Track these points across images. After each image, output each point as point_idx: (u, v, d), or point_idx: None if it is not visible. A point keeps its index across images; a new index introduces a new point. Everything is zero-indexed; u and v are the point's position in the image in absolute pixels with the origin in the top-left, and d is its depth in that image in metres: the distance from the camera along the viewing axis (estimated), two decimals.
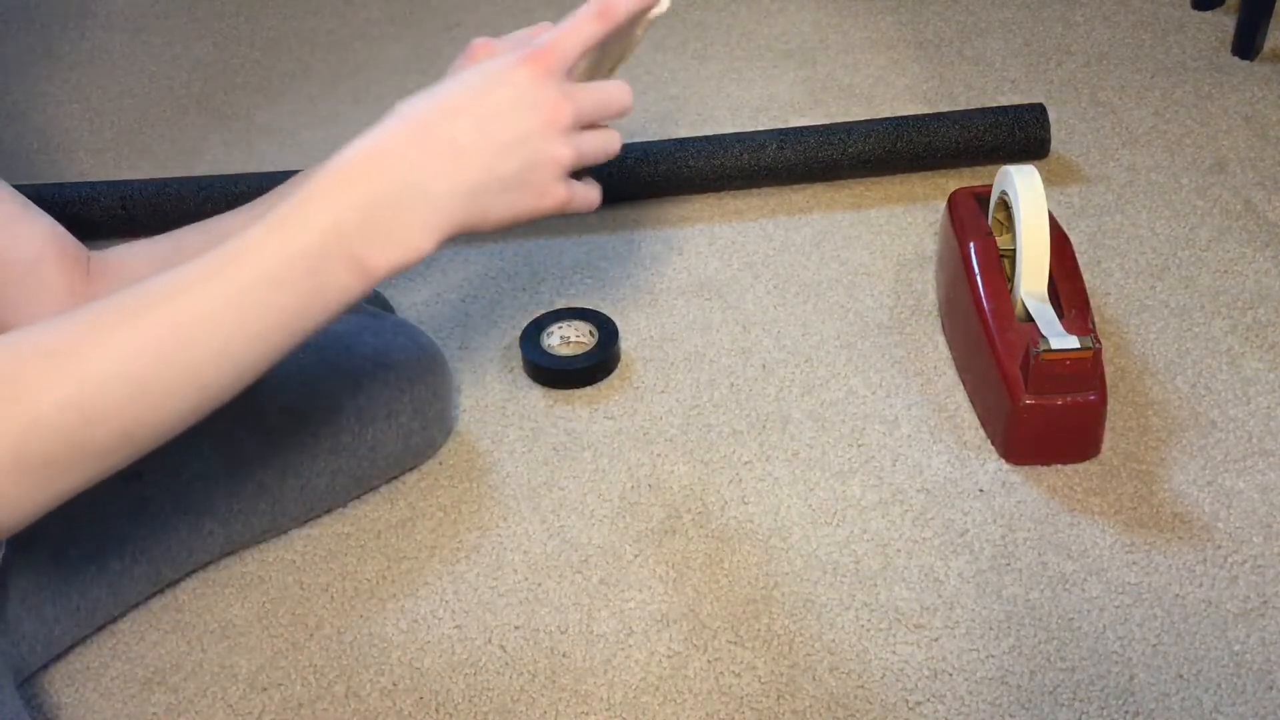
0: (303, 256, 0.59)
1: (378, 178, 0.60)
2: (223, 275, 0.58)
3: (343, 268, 0.60)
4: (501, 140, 0.62)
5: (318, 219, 0.59)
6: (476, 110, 0.61)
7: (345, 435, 0.91)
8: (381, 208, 0.60)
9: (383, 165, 0.60)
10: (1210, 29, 1.51)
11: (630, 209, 1.28)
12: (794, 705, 0.80)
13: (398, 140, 0.61)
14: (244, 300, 0.58)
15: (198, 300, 0.58)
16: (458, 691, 0.82)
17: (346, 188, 0.60)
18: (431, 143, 0.61)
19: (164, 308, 0.57)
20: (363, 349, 0.92)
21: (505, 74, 0.62)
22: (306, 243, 0.59)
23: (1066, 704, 0.78)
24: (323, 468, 0.91)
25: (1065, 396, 0.91)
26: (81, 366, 0.56)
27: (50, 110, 1.55)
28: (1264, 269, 1.13)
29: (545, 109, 0.63)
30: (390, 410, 0.93)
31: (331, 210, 0.59)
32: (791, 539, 0.91)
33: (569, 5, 1.78)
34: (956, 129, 1.26)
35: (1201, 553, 0.88)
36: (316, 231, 0.59)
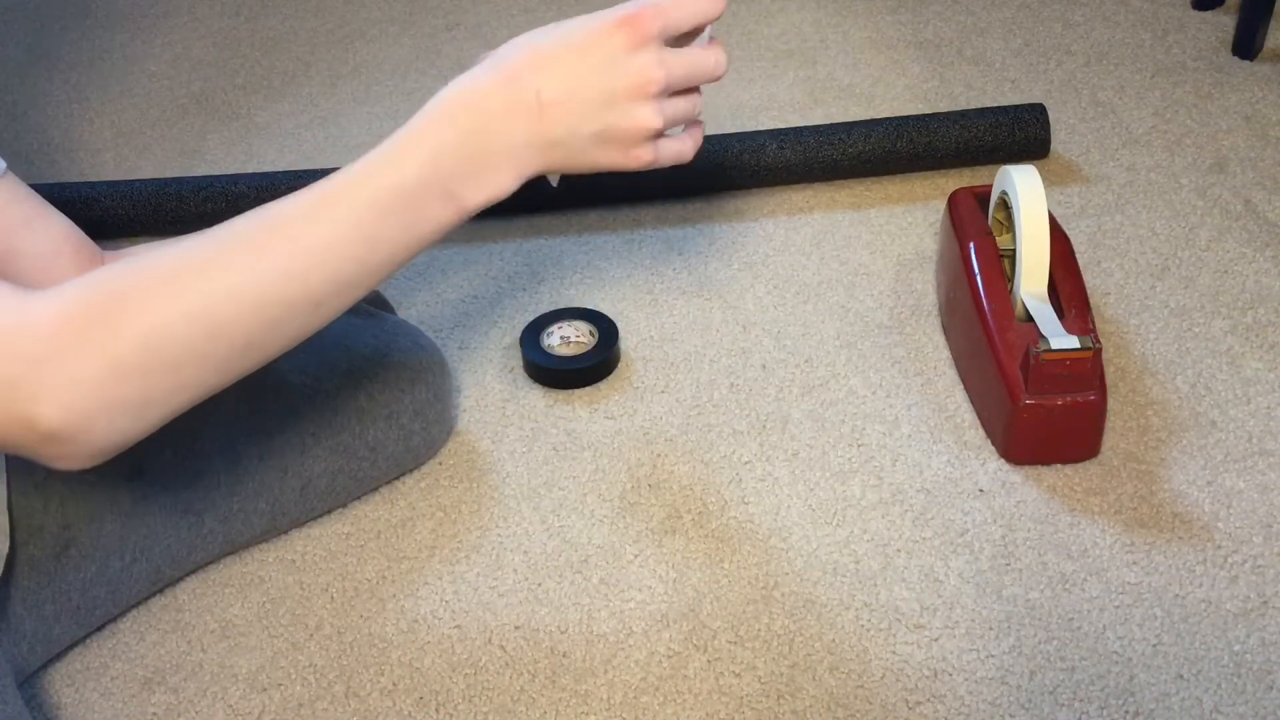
0: (405, 189, 0.63)
1: (467, 120, 0.63)
2: (336, 206, 0.62)
3: (439, 200, 0.64)
4: (587, 99, 0.64)
5: (416, 155, 0.63)
6: (568, 67, 0.63)
7: (345, 435, 0.91)
8: (472, 147, 0.63)
9: (472, 108, 0.63)
10: (1210, 29, 1.51)
11: (630, 209, 1.28)
12: (794, 705, 0.80)
13: (488, 85, 0.63)
14: (356, 229, 0.62)
15: (315, 229, 0.62)
16: (458, 691, 0.82)
17: (441, 127, 0.63)
18: (518, 92, 0.63)
19: (284, 234, 0.61)
20: (363, 349, 0.93)
21: (603, 34, 0.63)
22: (407, 176, 0.63)
23: (1066, 704, 0.78)
24: (323, 468, 0.91)
25: (1065, 396, 0.91)
26: (208, 284, 0.60)
27: (50, 110, 1.55)
28: (1264, 269, 1.13)
29: (636, 75, 0.64)
30: (391, 411, 0.93)
31: (428, 146, 0.63)
32: (791, 539, 0.91)
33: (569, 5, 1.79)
34: (956, 129, 1.26)
35: (1201, 553, 0.88)
36: (416, 165, 0.63)
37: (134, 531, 0.83)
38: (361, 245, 0.63)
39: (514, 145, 0.64)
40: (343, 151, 1.41)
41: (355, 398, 0.91)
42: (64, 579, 0.80)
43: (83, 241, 0.80)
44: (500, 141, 0.64)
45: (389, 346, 0.94)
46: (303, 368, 0.90)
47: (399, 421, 0.93)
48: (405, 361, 0.94)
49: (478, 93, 0.64)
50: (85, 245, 0.80)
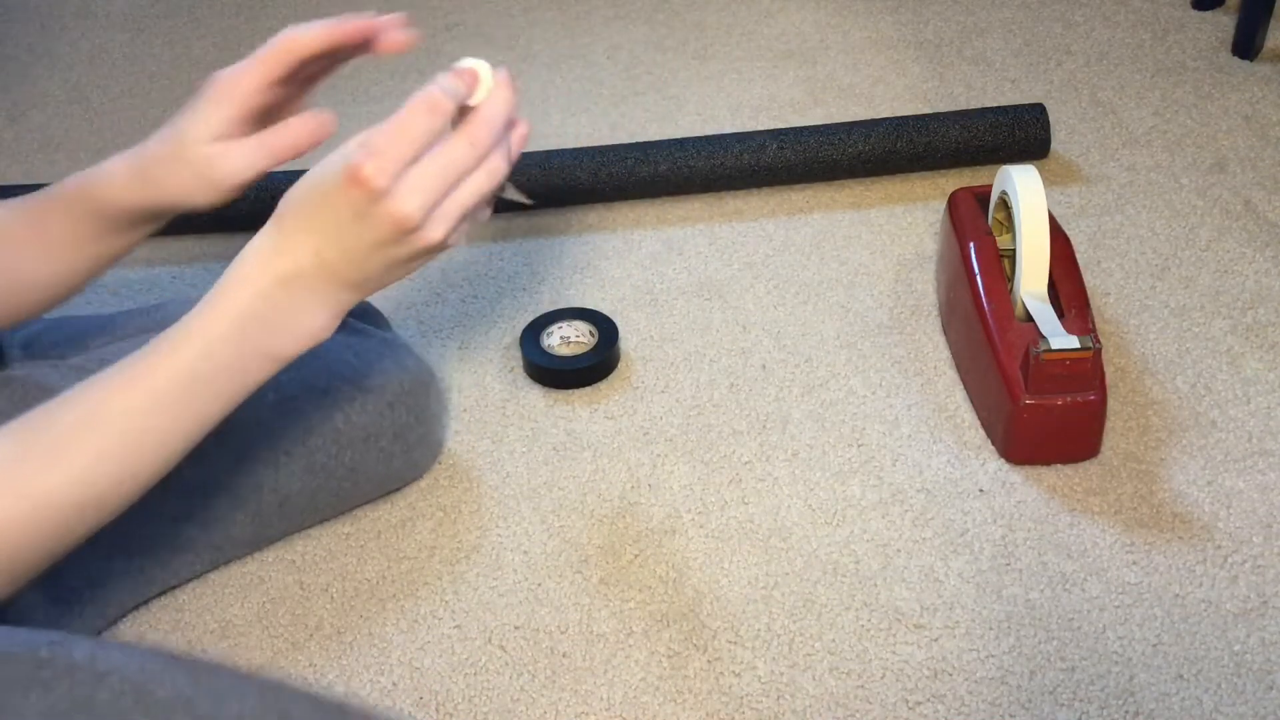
0: (216, 361, 0.65)
1: (263, 282, 0.65)
2: (153, 391, 0.64)
3: (254, 360, 0.66)
4: (362, 248, 0.65)
5: (219, 326, 0.65)
6: (331, 226, 0.65)
7: (320, 456, 0.90)
8: (274, 307, 0.65)
9: (266, 272, 0.65)
10: (1210, 29, 1.51)
11: (630, 209, 1.28)
12: (794, 705, 0.80)
13: (272, 249, 0.65)
14: (174, 408, 0.64)
15: (132, 413, 0.64)
16: (458, 691, 0.82)
17: (240, 295, 0.65)
18: (300, 255, 0.65)
19: (103, 424, 0.63)
20: (343, 370, 0.91)
21: (343, 195, 0.64)
22: (215, 349, 0.65)
23: (1066, 704, 0.78)
24: (300, 487, 0.90)
25: (1065, 396, 0.91)
26: (29, 486, 0.62)
27: (50, 110, 1.55)
28: (1264, 269, 1.13)
29: (389, 221, 0.64)
30: (369, 434, 0.91)
31: (230, 316, 0.65)
32: (791, 539, 0.91)
33: (571, 5, 1.78)
34: (956, 129, 1.26)
35: (1201, 553, 0.88)
36: (221, 339, 0.65)
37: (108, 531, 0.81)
38: (183, 419, 0.65)
39: (315, 296, 0.66)
40: None
41: (331, 419, 0.89)
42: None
43: None
44: (301, 296, 0.65)
45: (370, 367, 0.92)
46: (278, 385, 0.87)
47: (378, 444, 0.92)
48: (385, 384, 0.92)
49: (265, 256, 0.65)
50: None
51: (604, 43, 1.59)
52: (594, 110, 1.45)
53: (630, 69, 1.53)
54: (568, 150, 1.27)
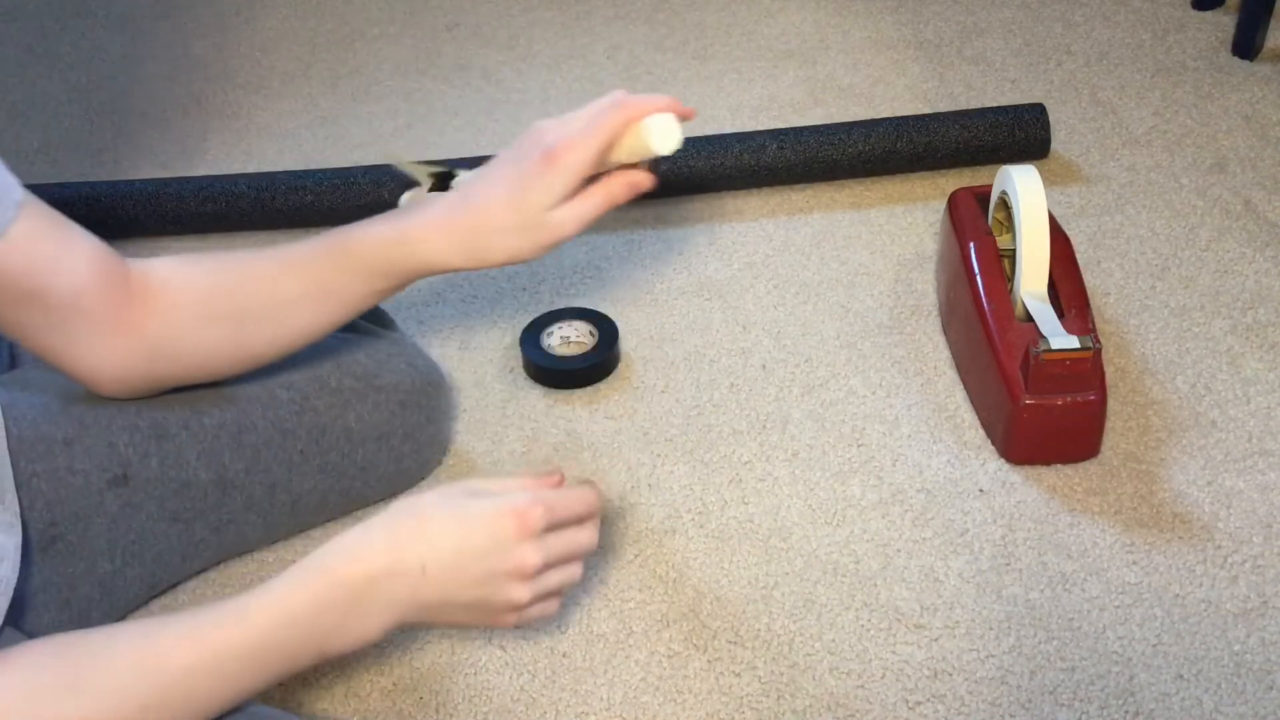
0: (279, 639, 0.66)
1: (353, 582, 0.67)
2: (201, 646, 0.65)
3: (309, 650, 0.68)
4: (468, 575, 0.69)
5: (300, 614, 0.66)
6: (455, 544, 0.68)
7: (333, 454, 0.90)
8: (351, 607, 0.67)
9: (359, 570, 0.67)
10: (1210, 29, 1.51)
11: (630, 209, 1.28)
12: (794, 705, 0.80)
13: (378, 547, 0.68)
14: (220, 671, 0.65)
15: (187, 673, 0.64)
16: (458, 691, 0.82)
17: (328, 588, 0.67)
18: (404, 560, 0.68)
19: (157, 677, 0.64)
20: (355, 369, 0.91)
21: (494, 521, 0.69)
22: (288, 632, 0.67)
23: (1066, 704, 0.78)
24: (312, 486, 0.90)
25: (1065, 396, 0.91)
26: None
27: (50, 110, 1.55)
28: (1264, 269, 1.13)
29: (517, 561, 0.69)
30: (381, 433, 0.92)
31: (311, 607, 0.67)
32: (791, 539, 0.91)
33: (571, 5, 1.78)
34: (956, 129, 1.26)
35: (1201, 553, 0.88)
36: (297, 624, 0.67)
37: (122, 535, 0.83)
38: (230, 689, 0.67)
39: (389, 604, 0.68)
40: (343, 151, 1.41)
41: (344, 418, 0.90)
42: (51, 570, 0.80)
43: (107, 268, 0.77)
44: (378, 601, 0.68)
45: (381, 367, 0.93)
46: (291, 384, 0.88)
47: (389, 443, 0.93)
48: (397, 384, 0.93)
49: (367, 553, 0.68)
50: (110, 272, 0.77)
51: (604, 43, 1.59)
52: None
53: (630, 69, 1.53)
54: None
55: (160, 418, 0.83)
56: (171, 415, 0.83)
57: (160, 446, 0.83)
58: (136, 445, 0.82)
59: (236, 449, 0.86)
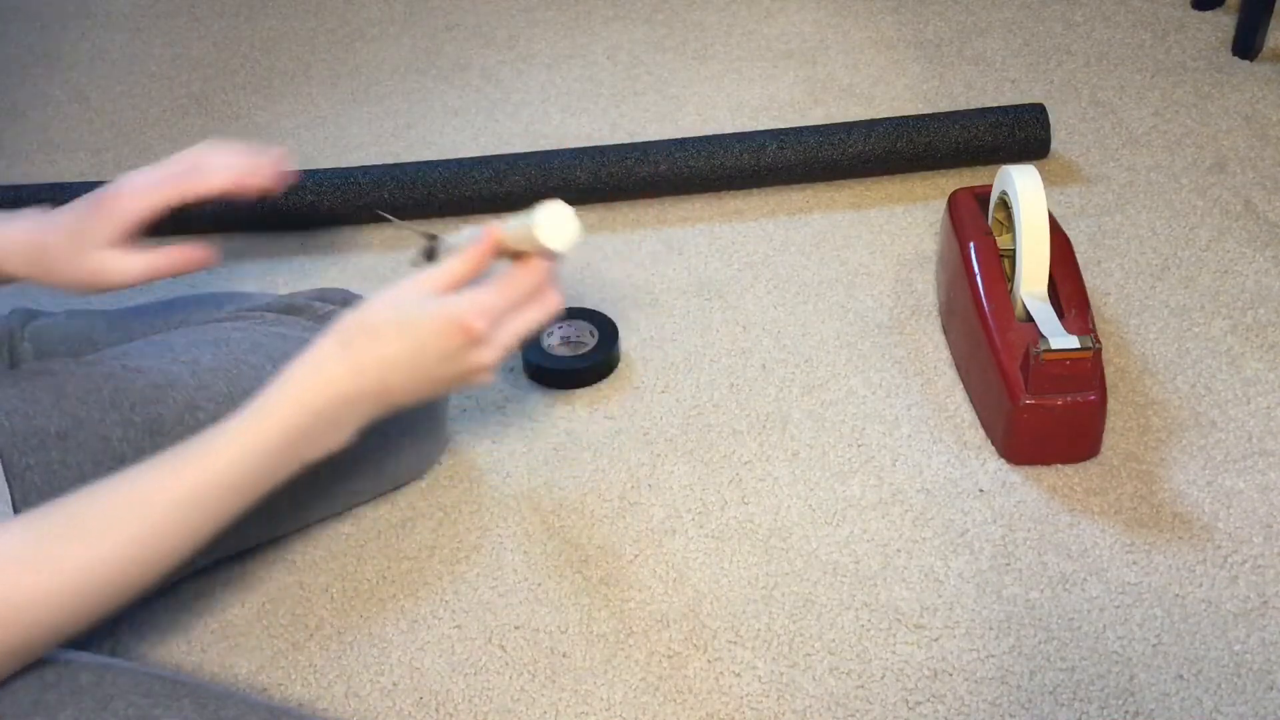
0: (258, 469, 0.70)
1: (317, 403, 0.70)
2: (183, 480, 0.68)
3: (286, 467, 0.71)
4: (430, 376, 0.72)
5: (268, 440, 0.69)
6: (408, 358, 0.71)
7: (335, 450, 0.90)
8: (321, 424, 0.71)
9: (322, 394, 0.70)
10: (1210, 29, 1.51)
11: (630, 209, 1.28)
12: (794, 705, 0.80)
13: (336, 373, 0.71)
14: (205, 501, 0.68)
15: (172, 505, 0.67)
16: (458, 691, 0.82)
17: (293, 412, 0.70)
18: (366, 382, 0.71)
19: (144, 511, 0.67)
20: None
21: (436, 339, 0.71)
22: (260, 459, 0.69)
23: (1066, 704, 0.78)
24: (311, 480, 0.90)
25: (1065, 396, 0.91)
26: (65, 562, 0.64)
27: (50, 110, 1.55)
28: (1264, 269, 1.13)
29: (472, 365, 0.72)
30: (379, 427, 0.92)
31: (279, 430, 0.70)
32: (791, 539, 0.91)
33: (571, 5, 1.78)
34: (956, 129, 1.26)
35: (1201, 553, 0.88)
36: (266, 451, 0.69)
37: None
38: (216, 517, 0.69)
39: (359, 413, 0.72)
40: (342, 151, 1.41)
41: None
42: None
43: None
44: (348, 414, 0.72)
45: None
46: None
47: (388, 437, 0.93)
48: None
49: (330, 379, 0.71)
50: None
51: (604, 43, 1.59)
52: (594, 110, 1.45)
53: (630, 69, 1.53)
54: (568, 150, 1.27)
55: (156, 413, 0.83)
56: (167, 411, 0.83)
57: (154, 441, 0.83)
58: (131, 440, 0.82)
59: None
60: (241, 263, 1.24)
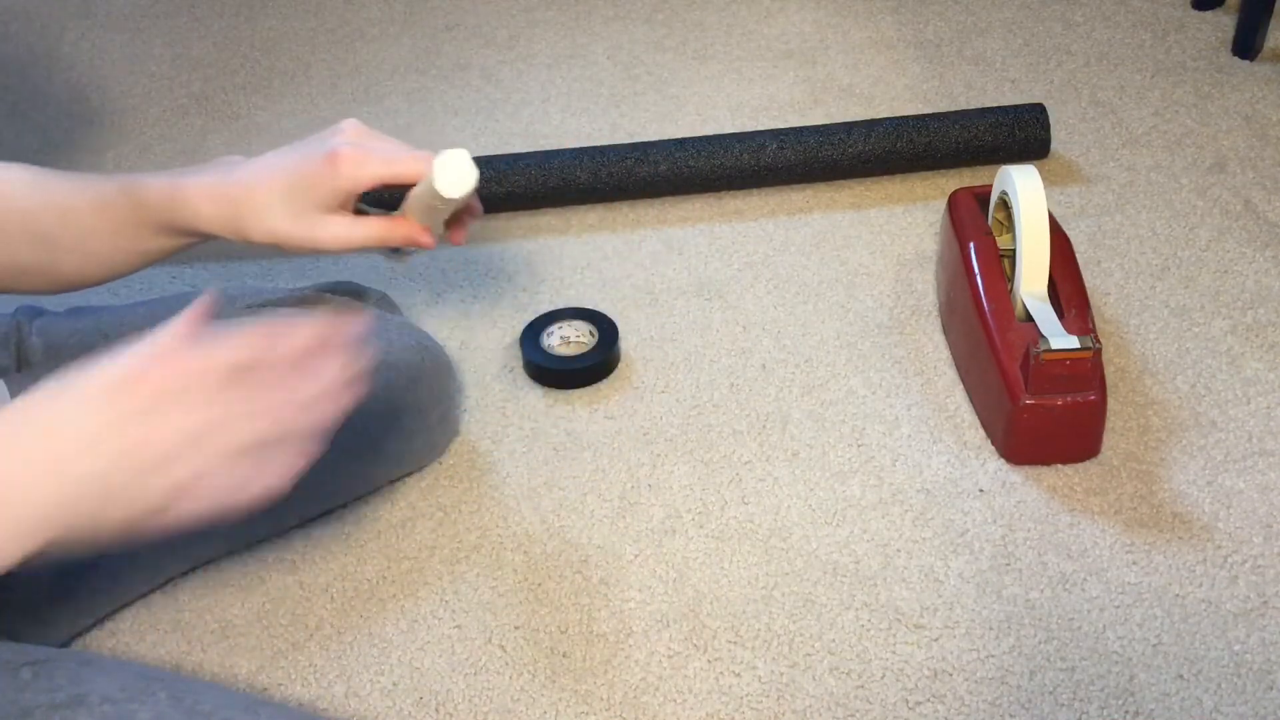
0: None
1: None
2: None
3: None
4: None
5: None
6: None
7: (345, 433, 0.90)
8: None
9: None
10: (1210, 29, 1.51)
11: (630, 209, 1.28)
12: (794, 705, 0.80)
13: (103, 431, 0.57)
14: None
15: None
16: (458, 691, 0.82)
17: None
18: None
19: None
20: (365, 348, 0.92)
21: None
22: None
23: (1066, 704, 0.78)
24: (323, 463, 0.90)
25: (1065, 396, 0.91)
26: None
27: (50, 110, 1.55)
28: (1264, 269, 1.13)
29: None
30: (392, 409, 0.92)
31: None
32: (791, 539, 0.91)
33: (571, 5, 1.77)
34: (956, 129, 1.26)
35: (1201, 553, 0.88)
36: None
37: None
38: None
39: None
40: None
41: None
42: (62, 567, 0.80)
43: None
44: None
45: (390, 345, 0.93)
46: None
47: (400, 421, 0.93)
48: (407, 361, 0.93)
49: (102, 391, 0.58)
50: None
51: (604, 43, 1.59)
52: (594, 110, 1.45)
53: (630, 69, 1.53)
54: (568, 150, 1.27)
55: None
56: None
57: None
58: None
59: None
60: (242, 262, 1.24)
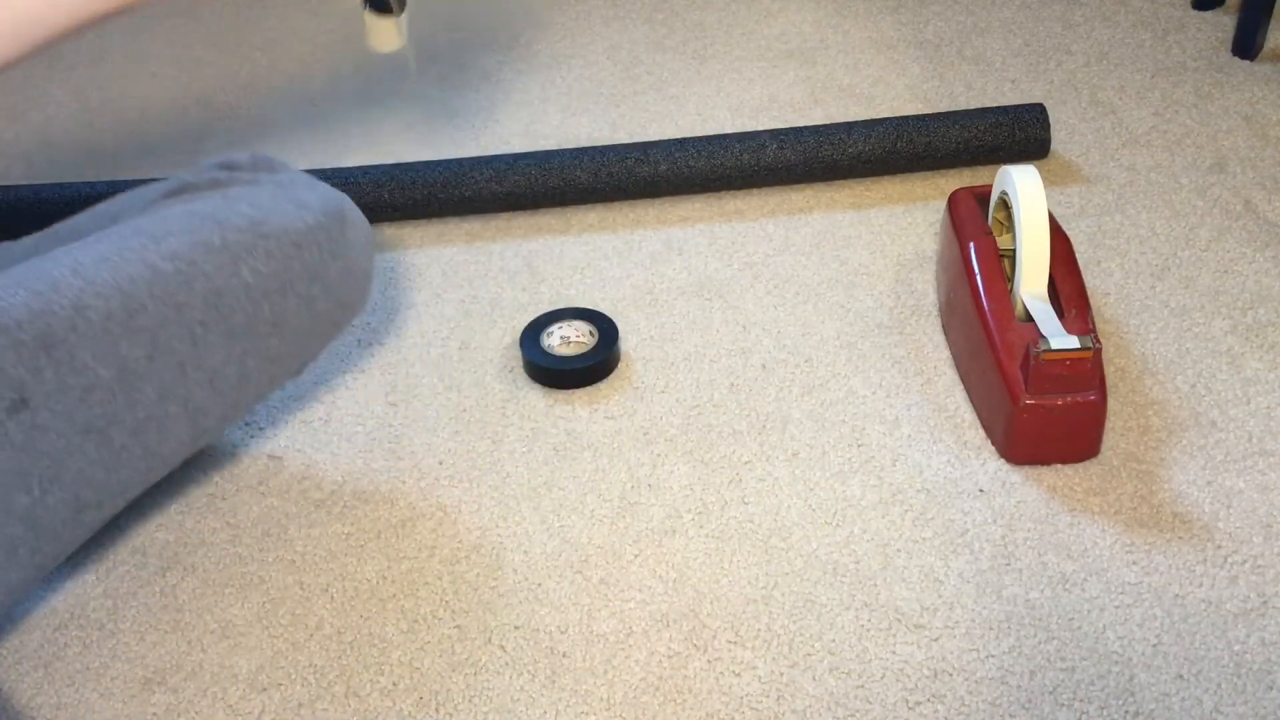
0: None
1: None
2: None
3: None
4: None
5: None
6: None
7: (238, 316, 0.84)
8: None
9: None
10: (1210, 29, 1.51)
11: (630, 209, 1.28)
12: (794, 705, 0.80)
13: None
14: None
15: None
16: (458, 691, 0.82)
17: None
18: None
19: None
20: (237, 221, 0.86)
21: None
22: None
23: (1066, 704, 0.78)
24: (224, 355, 0.84)
25: (1065, 396, 0.91)
26: None
27: (50, 110, 1.55)
28: (1264, 269, 1.13)
29: None
30: (282, 282, 0.86)
31: None
32: (791, 539, 0.91)
33: (571, 5, 1.78)
34: (956, 129, 1.26)
35: (1201, 553, 0.88)
36: None
37: (35, 464, 0.77)
38: None
39: None
40: (343, 151, 1.41)
41: (238, 274, 0.84)
42: None
43: None
44: None
45: (266, 214, 0.87)
46: (174, 253, 0.83)
47: (295, 290, 0.87)
48: (286, 226, 0.87)
49: None
50: None
51: (604, 43, 1.59)
52: (594, 110, 1.45)
53: (630, 69, 1.53)
54: (568, 150, 1.27)
55: (45, 326, 0.77)
56: (55, 320, 0.78)
57: (52, 356, 0.77)
58: (26, 362, 0.76)
59: (131, 336, 0.80)
60: None
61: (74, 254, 0.81)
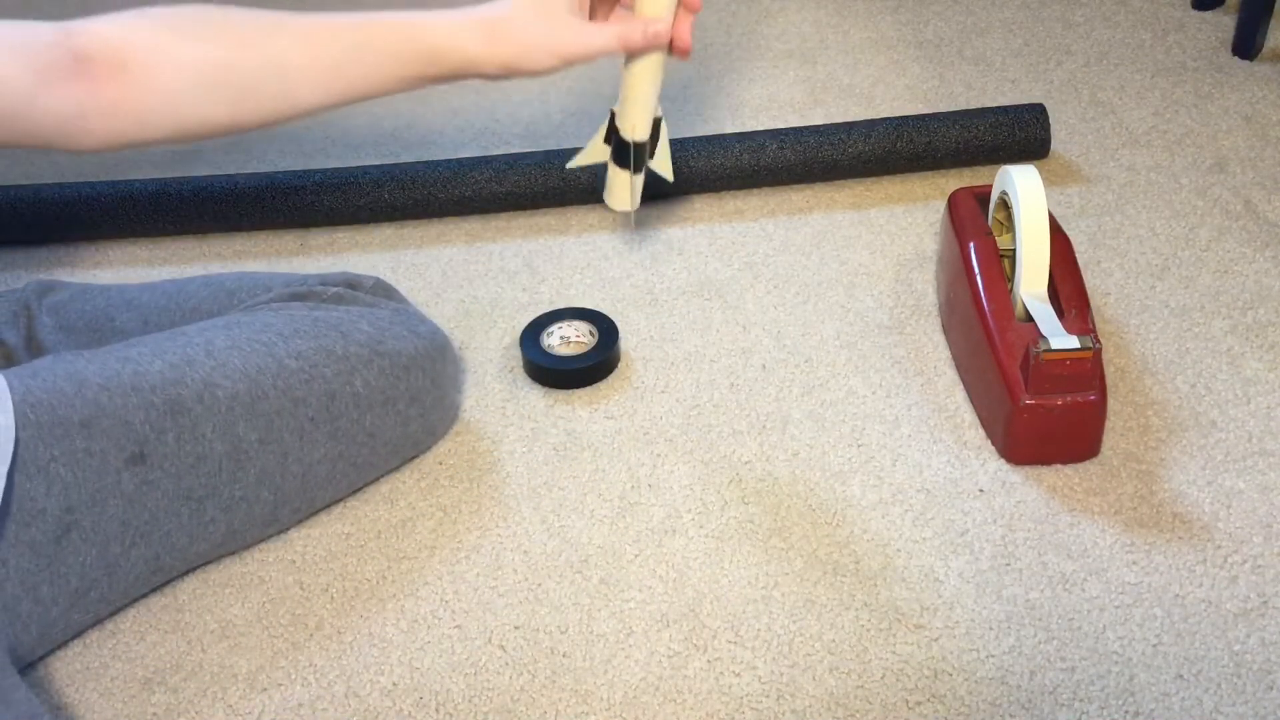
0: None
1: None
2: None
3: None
4: None
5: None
6: None
7: (343, 420, 0.91)
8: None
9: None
10: (1210, 29, 1.51)
11: None
12: (794, 705, 0.80)
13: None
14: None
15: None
16: (458, 691, 0.82)
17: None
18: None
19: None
20: (358, 336, 0.93)
21: None
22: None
23: (1066, 704, 0.78)
24: (323, 454, 0.91)
25: (1065, 396, 0.91)
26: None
27: None
28: (1264, 269, 1.13)
29: None
30: (387, 397, 0.94)
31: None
32: (791, 539, 0.91)
33: None
34: (956, 129, 1.26)
35: (1201, 553, 0.88)
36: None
37: (135, 517, 0.83)
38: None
39: None
40: (343, 151, 1.41)
41: (351, 383, 0.92)
42: (63, 562, 0.80)
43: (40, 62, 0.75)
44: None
45: (384, 334, 0.95)
46: (300, 353, 0.90)
47: (395, 408, 0.94)
48: (400, 349, 0.95)
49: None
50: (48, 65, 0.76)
51: None
52: (594, 110, 1.45)
53: None
54: (568, 150, 1.27)
55: (175, 394, 0.84)
56: (186, 390, 0.85)
57: (176, 421, 0.84)
58: (153, 422, 0.83)
59: (250, 419, 0.87)
60: (242, 262, 1.24)
61: (207, 335, 0.89)
